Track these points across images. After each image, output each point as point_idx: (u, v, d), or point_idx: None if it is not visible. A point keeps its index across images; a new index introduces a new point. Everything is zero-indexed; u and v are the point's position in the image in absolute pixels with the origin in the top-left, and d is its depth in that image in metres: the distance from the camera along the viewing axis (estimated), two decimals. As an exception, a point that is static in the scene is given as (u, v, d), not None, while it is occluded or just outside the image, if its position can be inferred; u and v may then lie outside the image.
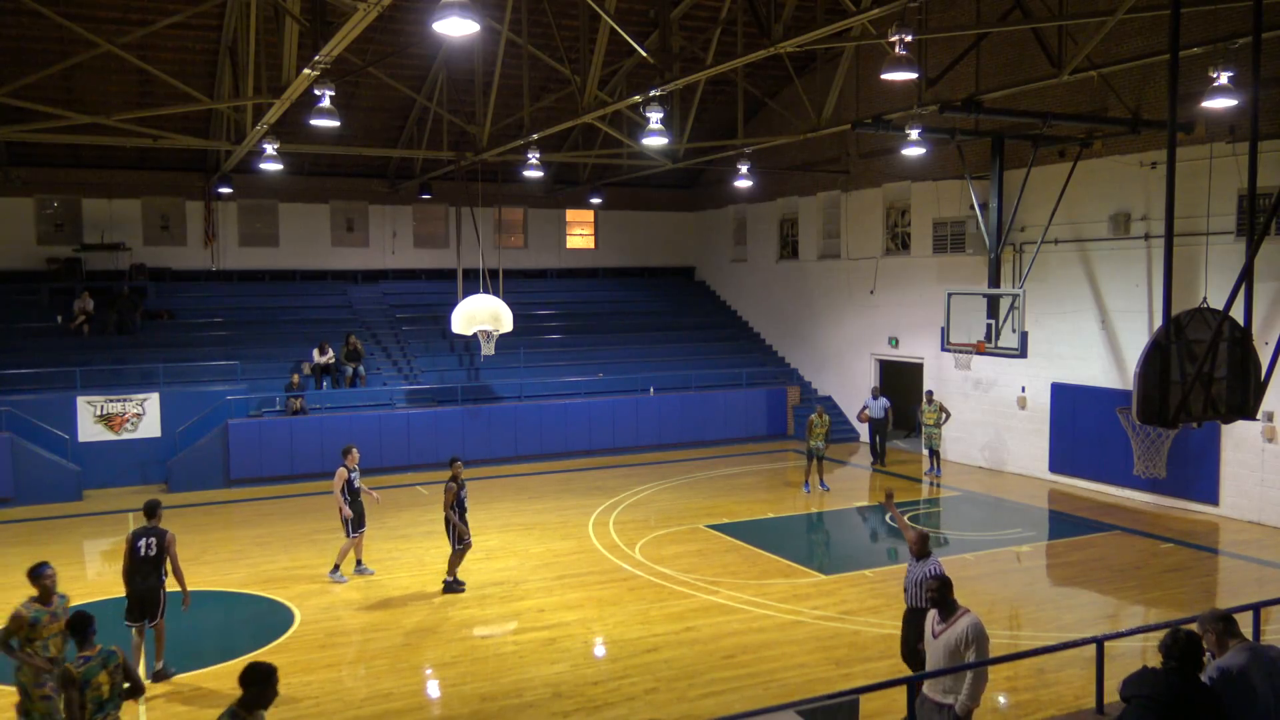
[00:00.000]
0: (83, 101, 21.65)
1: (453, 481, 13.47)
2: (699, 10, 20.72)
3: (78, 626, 7.21)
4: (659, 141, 16.87)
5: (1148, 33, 17.43)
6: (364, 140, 25.49)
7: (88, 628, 7.19)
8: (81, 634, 7.17)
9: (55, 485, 19.63)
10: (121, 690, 7.20)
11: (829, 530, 17.90)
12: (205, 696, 10.28)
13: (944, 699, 7.39)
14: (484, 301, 22.57)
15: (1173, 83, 8.05)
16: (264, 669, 6.16)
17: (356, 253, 28.74)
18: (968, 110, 16.47)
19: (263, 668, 6.17)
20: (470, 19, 9.59)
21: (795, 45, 12.56)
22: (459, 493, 13.50)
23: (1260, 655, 6.13)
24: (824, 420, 19.95)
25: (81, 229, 25.47)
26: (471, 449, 23.01)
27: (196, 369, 22.68)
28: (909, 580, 9.27)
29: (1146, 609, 12.96)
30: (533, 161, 20.08)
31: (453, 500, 13.41)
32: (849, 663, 10.83)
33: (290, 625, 12.37)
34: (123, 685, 7.21)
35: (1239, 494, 17.24)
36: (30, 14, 17.36)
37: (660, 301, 31.16)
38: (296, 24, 12.51)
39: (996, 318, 19.29)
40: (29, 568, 8.50)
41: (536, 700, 10.10)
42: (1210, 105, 14.54)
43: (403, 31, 20.66)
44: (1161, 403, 7.72)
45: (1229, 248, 16.73)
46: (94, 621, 7.26)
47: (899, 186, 24.36)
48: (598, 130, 24.10)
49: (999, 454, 21.79)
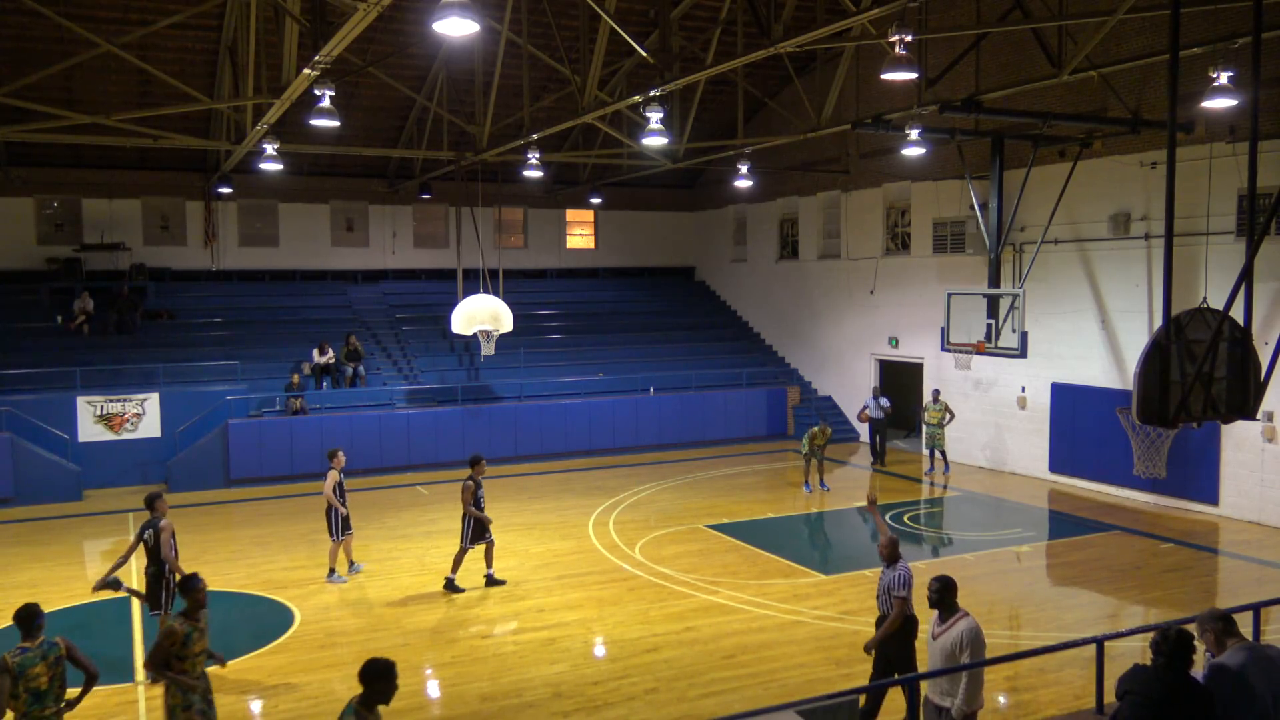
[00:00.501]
0: (83, 101, 21.66)
1: (470, 480, 13.64)
2: (699, 10, 20.72)
3: (24, 618, 7.24)
4: (659, 141, 16.86)
5: (1148, 33, 17.43)
6: (364, 140, 25.49)
7: (34, 620, 7.24)
8: (27, 625, 7.22)
9: (55, 485, 19.64)
10: (63, 682, 7.23)
11: (829, 530, 17.90)
12: (205, 696, 10.28)
13: (941, 701, 7.41)
14: (484, 301, 22.57)
15: (1173, 83, 8.05)
16: (383, 664, 6.08)
17: (356, 253, 28.74)
18: (968, 110, 16.47)
19: (382, 663, 6.09)
20: (470, 19, 9.59)
21: (795, 45, 12.56)
22: (476, 491, 13.65)
23: (1259, 655, 6.14)
24: (825, 434, 19.97)
25: (81, 229, 25.47)
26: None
27: (196, 369, 22.69)
28: (879, 587, 9.03)
29: (1146, 609, 12.96)
30: (533, 161, 20.07)
31: (471, 498, 13.57)
32: (849, 663, 10.83)
33: (290, 625, 12.38)
34: (63, 677, 7.24)
35: (1239, 494, 17.24)
36: (30, 14, 17.34)
37: (660, 301, 31.16)
38: (296, 24, 12.51)
39: (996, 318, 19.29)
40: (183, 579, 8.26)
41: (536, 700, 10.10)
42: (1210, 105, 14.54)
43: (403, 31, 20.67)
44: (1161, 403, 7.72)
45: (1229, 248, 16.73)
46: (42, 615, 7.31)
47: (899, 186, 24.36)
48: (598, 130, 24.11)
49: (999, 454, 21.79)
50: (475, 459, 13.97)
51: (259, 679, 10.69)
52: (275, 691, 10.37)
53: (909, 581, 8.68)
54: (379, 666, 6.07)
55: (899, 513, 18.29)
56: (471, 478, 13.68)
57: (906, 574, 8.71)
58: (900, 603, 8.61)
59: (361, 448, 21.87)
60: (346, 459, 14.57)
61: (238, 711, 9.95)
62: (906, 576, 8.69)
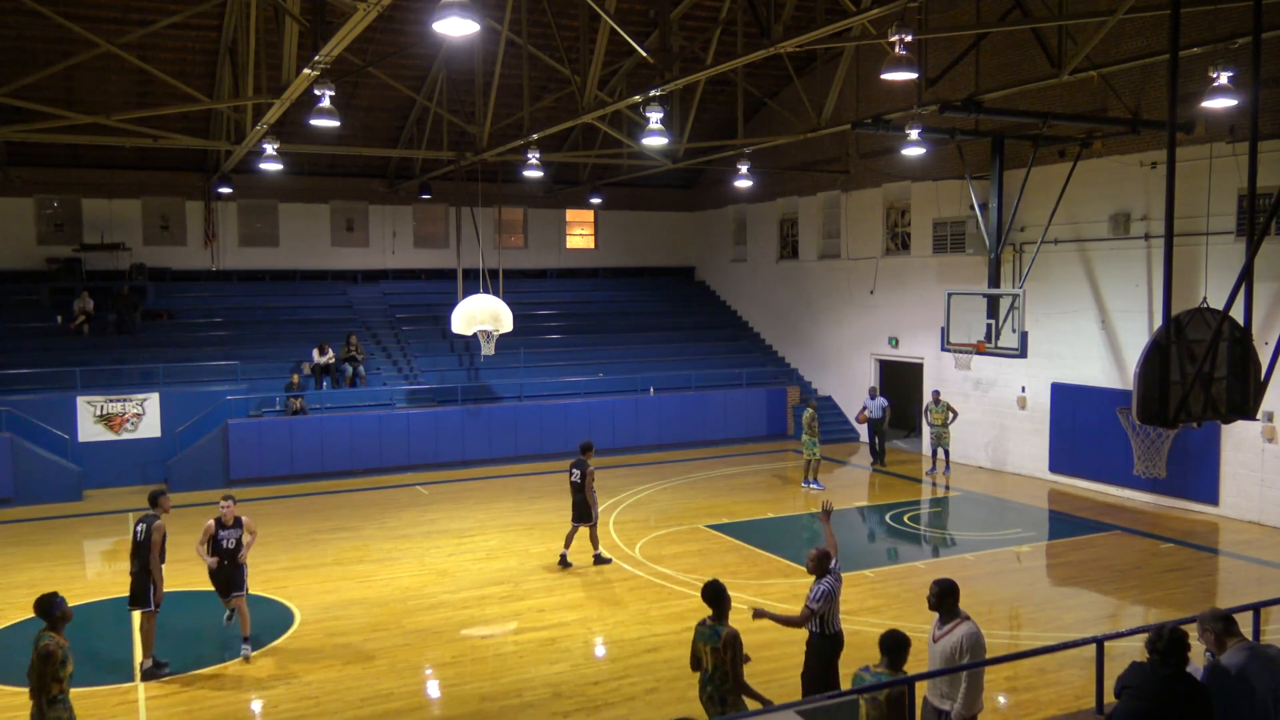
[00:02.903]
0: (83, 101, 21.65)
1: (582, 466, 14.84)
2: (699, 10, 20.71)
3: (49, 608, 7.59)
4: (659, 141, 16.86)
5: (1148, 33, 17.43)
6: (364, 140, 25.49)
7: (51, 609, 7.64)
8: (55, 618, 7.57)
9: (55, 485, 19.63)
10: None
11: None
12: (205, 696, 10.28)
13: (940, 704, 7.38)
14: (484, 301, 22.58)
15: (1173, 83, 8.04)
16: (715, 585, 7.80)
17: (356, 253, 28.74)
18: (968, 110, 16.46)
19: (714, 584, 7.81)
20: (470, 19, 9.58)
21: (795, 45, 12.56)
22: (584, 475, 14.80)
23: (1259, 654, 6.15)
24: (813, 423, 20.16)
25: (81, 229, 25.45)
26: (471, 449, 23.04)
27: (196, 369, 22.68)
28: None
29: (1146, 609, 12.96)
30: (532, 161, 20.07)
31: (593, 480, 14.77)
32: (849, 663, 10.77)
33: (290, 625, 12.37)
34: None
35: (1239, 494, 17.24)
36: (30, 14, 17.32)
37: (660, 301, 31.16)
38: (296, 24, 12.51)
39: (996, 318, 19.29)
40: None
41: (536, 700, 10.10)
42: (1210, 105, 14.53)
43: (403, 31, 20.66)
44: (1161, 403, 7.71)
45: (1229, 248, 16.73)
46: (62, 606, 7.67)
47: (899, 186, 24.36)
48: (598, 130, 24.10)
49: (999, 454, 21.79)
50: (588, 446, 15.15)
51: (259, 679, 10.69)
52: (275, 691, 10.37)
53: (828, 595, 8.51)
54: (715, 586, 7.71)
55: (899, 513, 18.29)
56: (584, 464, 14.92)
57: (827, 587, 8.55)
58: (809, 613, 8.49)
59: (361, 448, 21.89)
60: (346, 459, 14.54)
61: (238, 711, 9.95)
62: (826, 589, 8.52)
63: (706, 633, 7.63)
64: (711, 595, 7.73)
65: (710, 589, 7.76)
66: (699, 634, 7.69)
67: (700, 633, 7.69)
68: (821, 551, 8.86)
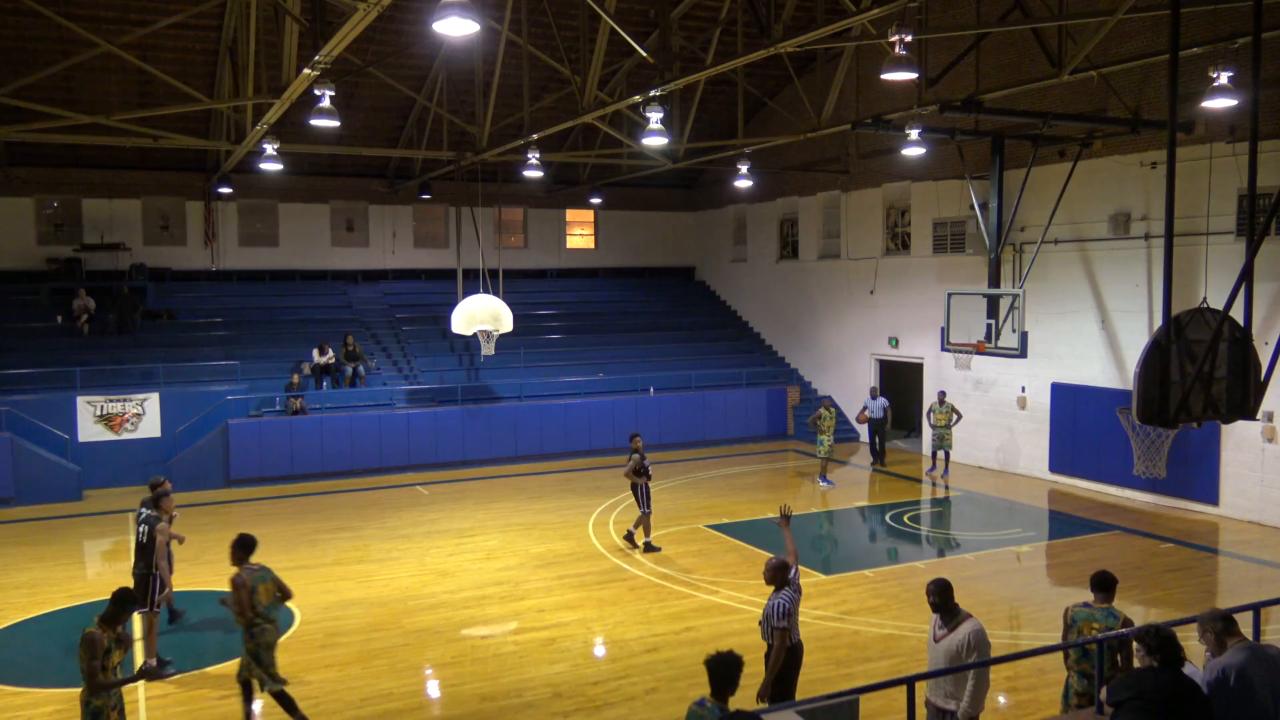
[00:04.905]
0: (83, 101, 21.64)
1: (635, 454, 15.52)
2: (699, 10, 20.71)
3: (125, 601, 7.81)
4: (659, 141, 16.86)
5: (1148, 33, 17.42)
6: (364, 140, 25.48)
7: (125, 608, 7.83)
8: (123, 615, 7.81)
9: (55, 485, 19.63)
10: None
11: (829, 530, 17.89)
12: (205, 696, 10.28)
13: (945, 704, 7.34)
14: (484, 301, 22.58)
15: (1173, 83, 8.04)
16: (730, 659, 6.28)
17: (356, 253, 28.73)
18: (968, 110, 16.46)
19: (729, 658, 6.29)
20: (470, 19, 9.58)
21: (795, 45, 12.55)
22: (642, 462, 15.49)
23: (1259, 655, 6.15)
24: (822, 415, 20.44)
25: (81, 229, 25.45)
26: (471, 449, 23.04)
27: (196, 369, 22.68)
28: (762, 614, 8.44)
29: (1146, 609, 12.95)
30: (533, 161, 20.07)
31: (636, 467, 15.40)
32: (849, 663, 10.83)
33: (290, 625, 12.37)
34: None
35: (1239, 494, 17.24)
36: (30, 14, 17.33)
37: (660, 301, 31.15)
38: (296, 24, 12.51)
39: (996, 318, 19.29)
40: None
41: (536, 700, 10.10)
42: (1210, 105, 14.52)
43: (403, 31, 20.66)
44: (1161, 403, 7.71)
45: (1229, 248, 16.73)
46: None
47: (899, 186, 24.36)
48: (598, 130, 24.09)
49: (999, 454, 21.78)
50: (635, 435, 15.97)
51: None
52: (275, 691, 10.36)
53: (789, 610, 8.22)
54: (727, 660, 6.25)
55: (899, 513, 18.29)
56: (638, 451, 15.59)
57: (787, 602, 8.23)
58: (781, 634, 8.17)
59: (361, 448, 21.88)
60: (346, 459, 14.56)
61: (238, 711, 9.94)
62: (787, 605, 8.21)
63: (709, 716, 6.29)
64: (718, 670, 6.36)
65: (719, 664, 6.39)
66: (692, 714, 6.41)
67: (696, 713, 6.39)
68: (780, 561, 8.47)
